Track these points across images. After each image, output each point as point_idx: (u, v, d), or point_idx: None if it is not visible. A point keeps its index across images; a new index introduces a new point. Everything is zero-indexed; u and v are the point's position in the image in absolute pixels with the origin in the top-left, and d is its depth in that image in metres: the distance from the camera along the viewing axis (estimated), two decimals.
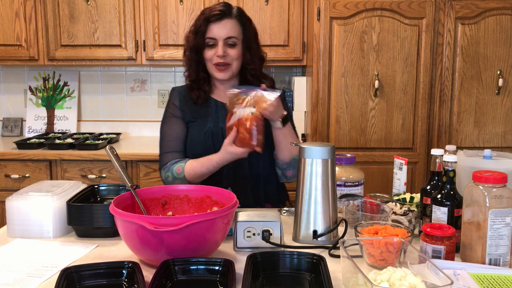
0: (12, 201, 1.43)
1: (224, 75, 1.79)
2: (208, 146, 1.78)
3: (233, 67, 1.80)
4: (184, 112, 1.85)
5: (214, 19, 1.74)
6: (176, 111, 1.86)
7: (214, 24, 1.75)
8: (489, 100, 2.66)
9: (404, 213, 1.45)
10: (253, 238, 1.33)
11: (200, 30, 1.76)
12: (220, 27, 1.75)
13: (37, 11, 2.97)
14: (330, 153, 1.40)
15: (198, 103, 1.83)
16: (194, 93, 1.84)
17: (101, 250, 1.34)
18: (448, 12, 2.61)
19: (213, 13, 1.74)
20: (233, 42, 1.77)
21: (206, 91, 1.84)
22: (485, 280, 1.11)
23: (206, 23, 1.75)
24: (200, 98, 1.83)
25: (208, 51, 1.78)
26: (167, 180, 1.79)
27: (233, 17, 1.77)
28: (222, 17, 1.75)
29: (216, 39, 1.75)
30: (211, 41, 1.76)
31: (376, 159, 2.68)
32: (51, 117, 3.33)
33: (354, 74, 2.65)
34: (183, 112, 1.85)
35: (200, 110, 1.84)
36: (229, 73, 1.80)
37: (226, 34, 1.75)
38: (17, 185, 2.78)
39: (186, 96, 1.87)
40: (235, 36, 1.77)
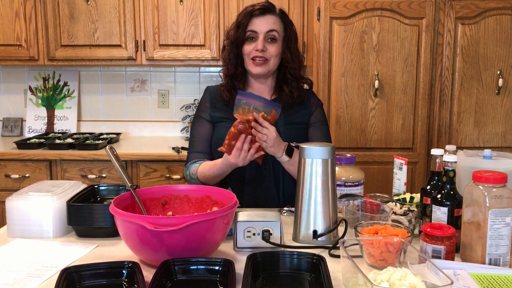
0: (12, 201, 1.43)
1: (260, 69, 1.78)
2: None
3: (271, 64, 1.79)
4: (213, 113, 1.85)
5: (257, 13, 1.76)
6: (205, 113, 1.87)
7: (257, 18, 1.76)
8: (489, 100, 2.66)
9: (404, 213, 1.45)
10: (253, 238, 1.33)
11: (242, 23, 1.77)
12: (262, 21, 1.76)
13: (37, 11, 2.97)
14: (330, 153, 1.40)
15: (230, 103, 1.82)
16: (225, 94, 1.83)
17: (101, 250, 1.34)
18: (448, 12, 2.61)
19: (257, 7, 1.76)
20: (273, 36, 1.77)
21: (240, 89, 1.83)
22: (485, 280, 1.11)
23: (249, 17, 1.76)
24: (232, 99, 1.81)
25: (248, 45, 1.77)
26: (186, 177, 1.84)
27: (276, 14, 1.79)
28: (265, 12, 1.76)
29: (257, 33, 1.76)
30: (252, 34, 1.76)
31: (376, 159, 2.68)
32: (51, 117, 3.33)
33: (354, 74, 2.65)
34: (213, 114, 1.85)
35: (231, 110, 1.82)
36: (266, 68, 1.78)
37: (267, 28, 1.75)
38: (17, 185, 2.78)
39: (217, 97, 1.87)
40: (276, 30, 1.77)
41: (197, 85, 3.35)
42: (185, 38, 2.97)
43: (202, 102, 1.91)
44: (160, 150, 2.84)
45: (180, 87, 3.36)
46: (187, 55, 2.98)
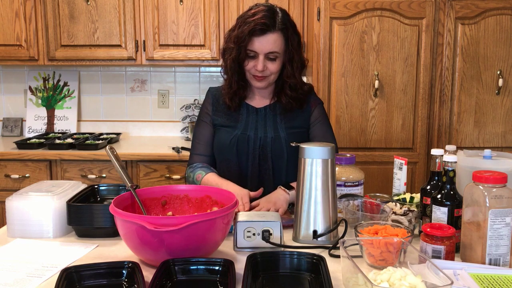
0: (12, 201, 1.43)
1: (261, 84, 1.78)
2: (232, 152, 1.79)
3: (271, 78, 1.78)
4: (215, 117, 1.85)
5: (258, 33, 1.68)
6: (207, 116, 1.87)
7: (257, 38, 1.69)
8: (489, 100, 2.66)
9: (404, 213, 1.45)
10: (253, 238, 1.33)
11: (243, 44, 1.70)
12: (263, 42, 1.69)
13: (37, 11, 2.97)
14: (330, 153, 1.40)
15: (232, 110, 1.83)
16: (227, 101, 1.82)
17: (101, 250, 1.34)
18: (448, 12, 2.61)
19: (257, 26, 1.67)
20: (274, 57, 1.73)
21: (241, 98, 1.84)
22: (485, 280, 1.11)
23: (249, 36, 1.69)
24: (233, 105, 1.82)
25: (249, 62, 1.74)
26: (188, 178, 1.84)
27: (277, 29, 1.70)
28: (265, 31, 1.68)
29: (257, 52, 1.71)
30: (251, 53, 1.72)
31: (376, 159, 2.68)
32: (51, 117, 3.33)
33: (354, 74, 2.64)
34: (215, 117, 1.85)
35: (231, 114, 1.84)
36: (266, 83, 1.78)
37: (268, 50, 1.70)
38: (17, 185, 2.78)
39: (220, 100, 1.86)
40: (276, 51, 1.72)
41: (197, 85, 3.35)
42: (185, 38, 2.97)
43: (204, 105, 1.90)
44: (160, 150, 2.84)
45: (180, 87, 3.36)
46: (187, 55, 2.98)
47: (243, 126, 1.81)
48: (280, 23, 1.71)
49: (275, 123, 1.82)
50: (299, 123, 1.84)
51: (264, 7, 1.73)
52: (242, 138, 1.79)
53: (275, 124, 1.82)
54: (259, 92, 1.86)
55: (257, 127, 1.81)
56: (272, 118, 1.83)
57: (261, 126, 1.81)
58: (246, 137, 1.79)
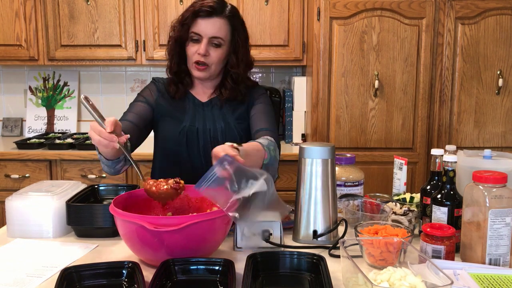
0: (12, 201, 1.43)
1: (201, 74, 1.71)
2: (182, 144, 1.73)
3: (212, 69, 1.71)
4: (158, 104, 1.77)
5: (203, 14, 1.64)
6: (149, 97, 1.78)
7: (202, 19, 1.64)
8: (489, 100, 2.66)
9: (404, 213, 1.45)
10: (253, 238, 1.32)
11: (186, 22, 1.66)
12: (208, 24, 1.65)
13: (37, 11, 2.97)
14: (330, 153, 1.40)
15: (176, 97, 1.76)
16: (172, 87, 1.76)
17: (101, 250, 1.34)
18: (448, 12, 2.61)
19: (203, 8, 1.64)
20: (218, 43, 1.67)
21: (185, 85, 1.78)
22: (485, 280, 1.11)
23: (194, 17, 1.65)
24: (178, 93, 1.76)
25: (191, 47, 1.68)
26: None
27: (224, 16, 1.67)
28: (211, 14, 1.64)
29: (201, 36, 1.66)
30: (195, 36, 1.66)
31: (376, 159, 2.68)
32: (51, 117, 3.33)
33: (354, 74, 2.64)
34: (157, 105, 1.77)
35: (177, 105, 1.77)
36: (207, 73, 1.71)
37: (212, 33, 1.65)
38: (17, 185, 2.78)
39: (166, 90, 1.80)
40: (221, 37, 1.67)
41: None
42: None
43: (148, 88, 1.81)
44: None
45: None
46: None
47: (190, 119, 1.75)
48: (228, 11, 1.69)
49: (222, 114, 1.76)
50: (245, 113, 1.78)
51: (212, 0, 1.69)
52: (191, 130, 1.73)
53: (223, 115, 1.76)
54: (203, 84, 1.79)
55: (204, 119, 1.75)
56: (219, 110, 1.76)
57: (208, 118, 1.75)
58: (195, 129, 1.73)
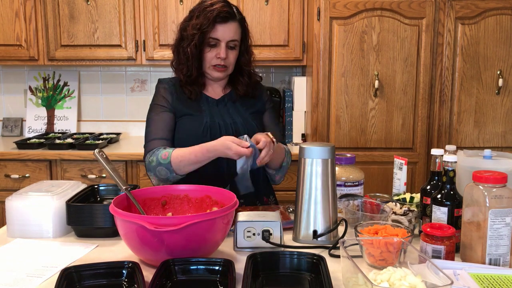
0: (12, 201, 1.43)
1: (221, 75, 1.80)
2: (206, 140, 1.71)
3: (230, 69, 1.81)
4: (175, 106, 1.80)
5: (221, 20, 1.72)
6: (166, 102, 1.81)
7: (220, 25, 1.73)
8: (489, 100, 2.66)
9: (404, 213, 1.45)
10: (253, 238, 1.33)
11: (206, 29, 1.72)
12: (225, 29, 1.73)
13: (37, 11, 2.97)
14: (330, 153, 1.40)
15: (192, 98, 1.81)
16: (187, 88, 1.81)
17: (101, 250, 1.34)
18: (448, 12, 2.61)
19: (221, 14, 1.72)
20: (234, 45, 1.77)
21: (201, 85, 1.83)
22: (485, 280, 1.11)
23: (213, 23, 1.72)
24: (193, 94, 1.81)
25: (209, 51, 1.76)
26: (150, 165, 1.71)
27: (237, 19, 1.76)
28: (228, 19, 1.73)
29: (220, 40, 1.74)
30: (213, 41, 1.74)
31: (376, 159, 2.68)
32: (51, 117, 3.33)
33: (354, 74, 2.64)
34: (174, 107, 1.81)
35: (192, 104, 1.81)
36: (226, 73, 1.81)
37: (230, 37, 1.75)
38: (17, 185, 2.78)
39: (177, 90, 1.83)
40: (237, 40, 1.77)
41: None
42: None
43: (160, 94, 1.85)
44: None
45: None
46: None
47: (210, 115, 1.80)
48: (237, 13, 1.78)
49: (237, 109, 1.85)
50: (257, 107, 1.89)
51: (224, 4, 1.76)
52: (213, 125, 1.77)
53: (238, 110, 1.84)
54: (213, 84, 1.86)
55: (222, 115, 1.81)
56: (232, 106, 1.85)
57: (225, 113, 1.82)
58: (217, 124, 1.77)
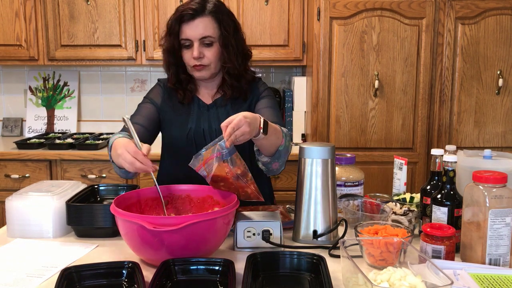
0: (12, 201, 1.43)
1: (202, 74, 1.71)
2: (190, 146, 1.73)
3: (212, 67, 1.71)
4: (163, 109, 1.78)
5: (186, 18, 1.64)
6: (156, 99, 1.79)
7: (187, 24, 1.65)
8: (489, 100, 2.66)
9: (404, 213, 1.45)
10: (253, 238, 1.33)
11: (173, 31, 1.67)
12: (193, 27, 1.64)
13: (37, 11, 2.97)
14: (330, 153, 1.40)
15: (185, 102, 1.77)
16: (179, 93, 1.77)
17: (101, 250, 1.34)
18: (448, 12, 2.61)
19: (185, 12, 1.64)
20: (209, 41, 1.66)
21: (191, 90, 1.78)
22: (485, 280, 1.11)
23: (179, 24, 1.65)
24: (186, 98, 1.76)
25: (185, 53, 1.69)
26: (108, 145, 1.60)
27: (206, 14, 1.65)
28: (194, 16, 1.64)
29: (191, 40, 1.66)
30: (186, 42, 1.67)
31: (376, 159, 2.68)
32: (51, 117, 3.33)
33: (354, 74, 2.64)
34: (162, 109, 1.78)
35: (181, 108, 1.78)
36: (208, 72, 1.71)
37: (200, 34, 1.65)
38: (17, 185, 2.78)
39: (170, 93, 1.80)
40: (210, 35, 1.66)
41: None
42: None
43: (154, 91, 1.83)
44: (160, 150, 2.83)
45: None
46: None
47: (196, 120, 1.75)
48: (211, 7, 1.67)
49: (227, 114, 1.70)
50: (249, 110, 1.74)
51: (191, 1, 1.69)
52: (197, 132, 1.73)
53: (227, 114, 1.71)
54: (205, 86, 1.80)
55: (209, 121, 1.75)
56: (224, 110, 1.76)
57: (213, 119, 1.75)
58: (201, 131, 1.73)
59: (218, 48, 1.69)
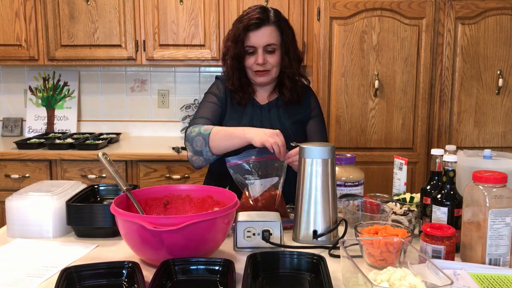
0: (12, 201, 1.43)
1: (264, 79, 1.83)
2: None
3: (273, 72, 1.83)
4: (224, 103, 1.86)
5: (253, 27, 1.75)
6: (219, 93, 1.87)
7: (253, 32, 1.76)
8: (489, 100, 2.66)
9: (404, 213, 1.45)
10: (253, 238, 1.33)
11: (240, 39, 1.77)
12: (259, 35, 1.76)
13: (37, 11, 2.97)
14: (330, 153, 1.40)
15: (242, 103, 1.86)
16: (238, 94, 1.85)
17: (101, 250, 1.34)
18: (448, 12, 2.61)
19: (252, 21, 1.75)
20: (272, 49, 1.79)
21: (250, 93, 1.87)
22: (485, 280, 1.11)
23: (245, 32, 1.76)
24: (244, 100, 1.85)
25: (248, 59, 1.80)
26: (190, 134, 1.72)
27: (271, 23, 1.78)
28: (260, 25, 1.76)
29: (256, 47, 1.77)
30: (250, 49, 1.78)
31: (376, 159, 2.68)
32: (51, 117, 3.33)
33: (354, 74, 2.64)
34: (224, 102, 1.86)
35: (238, 106, 1.87)
36: (269, 77, 1.83)
37: (265, 42, 1.77)
38: (17, 185, 2.78)
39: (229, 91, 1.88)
40: (274, 43, 1.78)
41: (197, 85, 3.35)
42: (185, 38, 2.97)
43: (215, 86, 1.91)
44: (160, 150, 2.84)
45: (180, 87, 3.36)
46: (187, 55, 2.98)
47: (249, 117, 1.85)
48: (273, 17, 1.80)
49: (279, 116, 1.87)
50: (300, 116, 1.89)
51: (256, 6, 1.83)
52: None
53: (280, 117, 1.86)
54: (260, 89, 1.90)
55: (262, 121, 1.85)
56: (276, 113, 1.87)
57: (266, 120, 1.85)
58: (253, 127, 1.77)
59: (279, 55, 1.82)
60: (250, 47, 1.78)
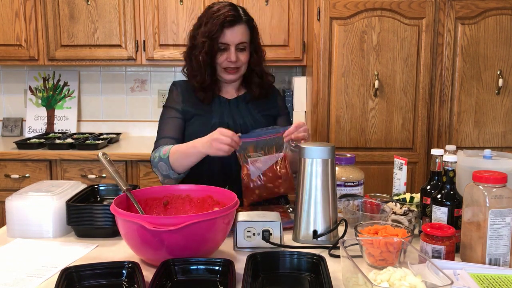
0: (12, 201, 1.43)
1: (233, 76, 1.84)
2: None
3: (242, 70, 1.84)
4: (185, 109, 1.85)
5: (228, 24, 1.75)
6: (177, 105, 1.87)
7: (228, 29, 1.76)
8: (489, 100, 2.66)
9: (404, 213, 1.45)
10: (253, 238, 1.33)
11: (215, 35, 1.76)
12: (233, 33, 1.77)
13: (37, 11, 2.97)
14: (330, 153, 1.40)
15: (205, 102, 1.85)
16: (200, 94, 1.85)
17: (101, 250, 1.34)
18: (448, 12, 2.61)
19: (228, 18, 1.75)
20: (243, 47, 1.80)
21: (214, 91, 1.87)
22: (485, 280, 1.11)
23: (221, 28, 1.75)
24: (206, 99, 1.85)
25: (220, 56, 1.79)
26: (154, 161, 1.77)
27: (243, 21, 1.79)
28: (235, 23, 1.76)
29: (229, 44, 1.77)
30: (222, 46, 1.78)
31: (376, 159, 2.68)
32: (51, 117, 3.33)
33: (354, 74, 2.64)
34: (184, 110, 1.85)
35: (202, 106, 1.86)
36: (238, 75, 1.85)
37: (239, 40, 1.78)
38: (17, 185, 2.78)
39: (189, 92, 1.88)
40: (245, 41, 1.80)
41: None
42: (185, 38, 2.95)
43: (172, 96, 1.91)
44: None
45: None
46: None
47: (219, 115, 1.84)
48: (244, 15, 1.81)
49: (249, 110, 1.87)
50: (270, 110, 1.91)
51: (226, 3, 1.82)
52: (221, 126, 1.74)
53: (250, 111, 1.87)
54: (227, 86, 1.90)
55: (233, 116, 1.85)
56: (245, 107, 1.88)
57: (236, 114, 1.85)
58: (226, 125, 1.77)
59: (248, 53, 1.83)
60: (223, 44, 1.77)
